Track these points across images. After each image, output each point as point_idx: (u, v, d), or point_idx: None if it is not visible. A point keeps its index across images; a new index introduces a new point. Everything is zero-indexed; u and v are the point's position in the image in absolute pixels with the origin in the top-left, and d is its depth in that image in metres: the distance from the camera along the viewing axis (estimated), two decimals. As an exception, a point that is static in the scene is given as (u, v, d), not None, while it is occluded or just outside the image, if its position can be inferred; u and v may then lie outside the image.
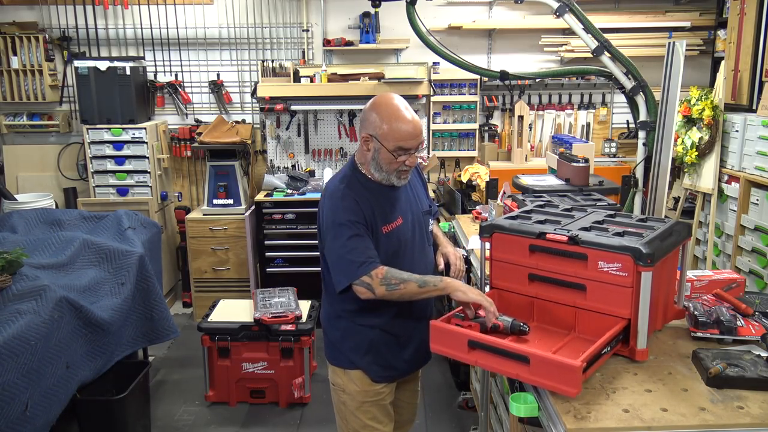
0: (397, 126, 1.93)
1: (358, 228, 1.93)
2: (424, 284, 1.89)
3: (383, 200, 2.03)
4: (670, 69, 3.05)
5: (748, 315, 1.89)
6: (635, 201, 3.33)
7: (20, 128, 5.07)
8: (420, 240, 2.13)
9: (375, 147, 1.97)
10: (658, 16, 4.83)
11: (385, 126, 1.93)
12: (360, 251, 1.91)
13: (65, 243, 3.10)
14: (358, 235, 1.93)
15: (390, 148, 1.94)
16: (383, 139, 1.94)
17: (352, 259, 1.91)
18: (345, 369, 2.12)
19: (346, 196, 1.96)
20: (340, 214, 1.94)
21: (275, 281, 4.47)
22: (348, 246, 1.92)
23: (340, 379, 2.13)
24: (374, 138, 1.96)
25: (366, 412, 2.12)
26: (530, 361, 1.51)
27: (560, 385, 1.46)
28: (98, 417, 2.92)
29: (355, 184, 2.02)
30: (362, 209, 1.96)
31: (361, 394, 2.10)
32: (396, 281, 1.89)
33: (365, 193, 2.00)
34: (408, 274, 1.91)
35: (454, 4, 4.95)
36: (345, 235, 1.93)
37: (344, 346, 2.11)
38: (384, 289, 1.89)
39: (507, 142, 5.07)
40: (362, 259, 1.90)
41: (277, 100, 4.83)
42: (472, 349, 1.65)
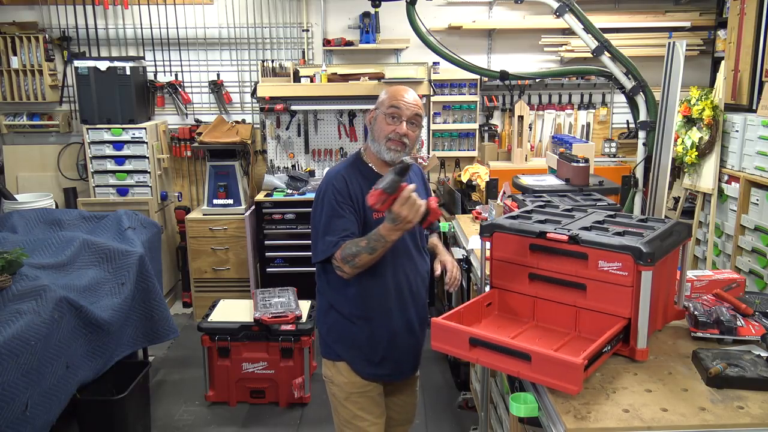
0: (395, 92, 2.08)
1: (342, 208, 2.02)
2: (372, 250, 1.94)
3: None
4: (670, 69, 3.05)
5: (748, 315, 1.89)
6: (635, 201, 3.34)
7: (20, 128, 5.07)
8: (411, 235, 2.15)
9: (374, 116, 2.11)
10: (658, 16, 4.83)
11: (384, 95, 2.10)
12: (337, 230, 2.00)
13: (65, 243, 3.10)
14: (339, 215, 2.02)
15: (385, 111, 2.07)
16: (380, 105, 2.09)
17: (329, 239, 2.01)
18: (333, 361, 2.18)
19: (338, 177, 2.06)
20: (329, 193, 2.04)
21: (275, 281, 4.47)
22: (329, 225, 2.02)
23: (329, 370, 2.20)
24: (376, 110, 2.11)
25: (354, 403, 2.16)
26: (531, 359, 1.51)
27: (561, 383, 1.46)
28: (98, 417, 2.92)
29: (352, 169, 2.11)
30: (350, 191, 2.04)
31: (349, 386, 2.15)
32: (350, 257, 1.96)
33: (360, 177, 2.09)
34: (356, 245, 1.95)
35: (454, 4, 4.95)
36: (329, 213, 2.03)
37: (330, 338, 2.18)
38: (349, 267, 1.98)
39: (507, 142, 5.07)
40: (336, 238, 1.99)
41: (277, 100, 4.83)
42: (473, 347, 1.65)
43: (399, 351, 2.18)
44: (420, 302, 2.24)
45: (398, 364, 2.21)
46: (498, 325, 1.92)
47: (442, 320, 1.74)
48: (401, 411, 2.38)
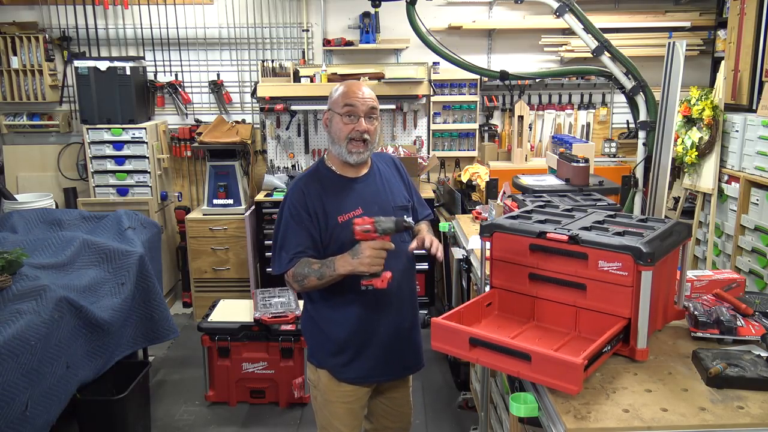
0: (346, 89, 2.02)
1: (297, 221, 2.01)
2: (321, 276, 1.96)
3: (340, 191, 2.07)
4: (670, 69, 3.05)
5: (748, 315, 1.89)
6: (635, 201, 3.34)
7: (20, 128, 5.07)
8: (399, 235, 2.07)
9: (329, 118, 2.06)
10: (658, 16, 4.83)
11: (334, 96, 2.04)
12: (291, 245, 2.01)
13: (65, 243, 3.10)
14: (294, 229, 2.01)
15: (340, 111, 2.01)
16: (334, 106, 2.03)
17: (283, 255, 2.02)
18: (316, 367, 2.18)
19: (297, 190, 2.04)
20: (287, 206, 2.04)
21: (275, 281, 4.45)
22: (284, 239, 2.03)
23: (313, 375, 2.21)
24: (329, 110, 2.06)
25: (332, 412, 2.16)
26: (531, 359, 1.51)
27: (561, 383, 1.46)
28: (98, 417, 2.92)
29: (312, 176, 2.08)
30: (308, 201, 2.01)
31: (329, 393, 2.15)
32: (300, 278, 1.98)
33: (318, 185, 2.05)
34: (309, 267, 1.97)
35: (454, 4, 4.95)
36: (285, 226, 2.03)
37: (312, 345, 2.19)
38: (297, 286, 2.01)
39: (507, 142, 5.07)
40: (291, 254, 2.00)
41: (277, 100, 4.83)
42: (473, 347, 1.65)
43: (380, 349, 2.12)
44: (408, 302, 2.21)
45: (378, 363, 2.14)
46: (498, 325, 1.92)
47: (442, 320, 1.74)
48: (394, 419, 2.33)
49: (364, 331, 2.10)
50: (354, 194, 2.07)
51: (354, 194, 2.07)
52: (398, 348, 2.18)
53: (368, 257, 1.88)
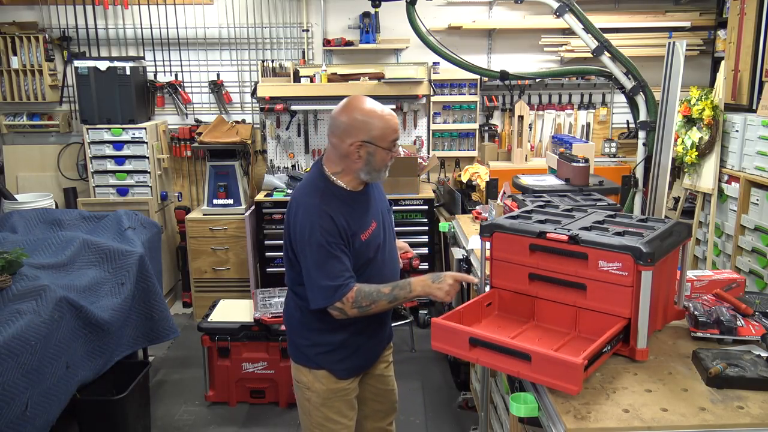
0: (385, 124, 1.95)
1: (334, 249, 1.92)
2: (393, 299, 1.96)
3: (357, 208, 2.02)
4: (670, 69, 3.05)
5: (748, 315, 1.89)
6: (635, 201, 3.34)
7: (20, 128, 5.07)
8: (390, 239, 2.17)
9: (369, 151, 1.95)
10: (658, 16, 4.83)
11: (374, 129, 1.94)
12: (335, 274, 1.92)
13: (65, 243, 3.10)
14: (334, 256, 1.92)
15: (385, 146, 1.96)
16: (378, 141, 1.95)
17: (328, 284, 1.92)
18: (310, 368, 2.13)
19: (323, 214, 1.92)
20: (317, 234, 1.91)
21: (275, 281, 4.47)
22: (325, 270, 1.92)
23: (305, 377, 2.14)
24: (368, 143, 1.94)
25: (331, 407, 2.14)
26: (531, 359, 1.51)
27: (561, 383, 1.47)
28: (98, 417, 2.92)
29: (329, 197, 1.98)
30: (337, 226, 1.93)
31: (327, 392, 2.13)
32: (367, 303, 1.94)
33: (340, 205, 1.97)
34: (377, 292, 1.95)
35: (454, 4, 4.95)
36: (322, 256, 1.92)
37: (311, 351, 2.12)
38: (356, 312, 1.95)
39: (507, 142, 5.07)
40: (337, 283, 1.92)
41: (277, 100, 4.83)
42: (473, 347, 1.65)
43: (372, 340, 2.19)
44: None
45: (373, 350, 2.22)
46: (498, 325, 1.92)
47: (442, 320, 1.75)
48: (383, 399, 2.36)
49: (364, 327, 2.12)
50: (364, 209, 2.06)
51: (364, 209, 2.06)
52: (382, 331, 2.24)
53: (449, 286, 1.94)
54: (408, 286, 1.96)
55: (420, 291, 1.96)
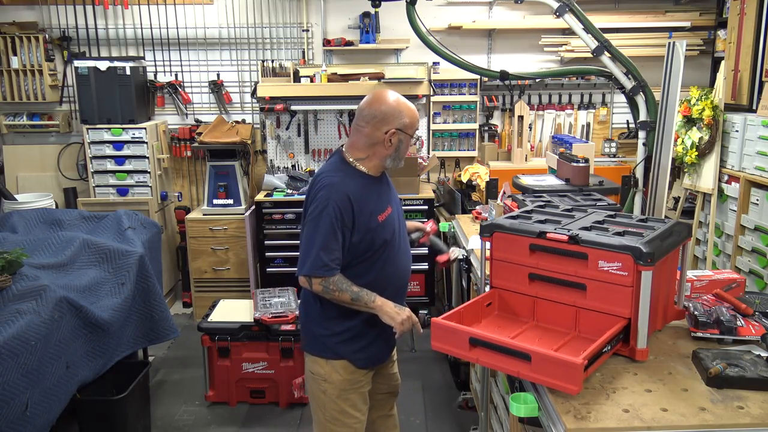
0: (412, 114, 2.13)
1: (339, 229, 2.02)
2: (357, 298, 2.05)
3: (375, 190, 2.14)
4: (670, 69, 3.05)
5: (748, 315, 1.89)
6: (635, 201, 3.34)
7: (20, 128, 5.07)
8: (402, 226, 2.28)
9: (401, 139, 2.10)
10: (658, 16, 4.83)
11: (405, 118, 2.10)
12: (332, 253, 2.02)
13: (65, 243, 3.10)
14: (336, 237, 2.02)
15: (411, 134, 2.14)
16: (407, 129, 2.11)
17: (322, 258, 2.01)
18: (327, 359, 2.18)
19: (341, 193, 2.03)
20: (330, 209, 2.01)
21: (275, 281, 4.47)
22: (325, 243, 2.01)
23: (322, 369, 2.18)
24: (400, 131, 2.09)
25: (346, 400, 2.19)
26: (531, 359, 1.52)
27: (561, 383, 1.47)
28: (98, 417, 2.92)
29: (350, 177, 2.09)
30: (353, 206, 2.03)
31: (344, 383, 2.17)
32: (333, 288, 2.03)
33: (359, 186, 2.09)
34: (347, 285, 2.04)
35: (454, 4, 4.95)
36: (328, 230, 2.01)
37: (330, 341, 2.17)
38: (320, 289, 2.05)
39: (507, 142, 5.07)
40: (329, 260, 2.01)
41: (277, 100, 4.82)
42: (473, 347, 1.65)
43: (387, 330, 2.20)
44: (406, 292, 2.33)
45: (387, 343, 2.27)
46: (498, 325, 1.92)
47: (442, 320, 1.75)
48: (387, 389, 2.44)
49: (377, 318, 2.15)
50: (380, 193, 2.17)
51: (380, 193, 2.17)
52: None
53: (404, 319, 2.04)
54: (373, 295, 2.05)
55: (380, 305, 2.04)
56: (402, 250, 2.23)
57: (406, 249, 2.27)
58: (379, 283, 2.11)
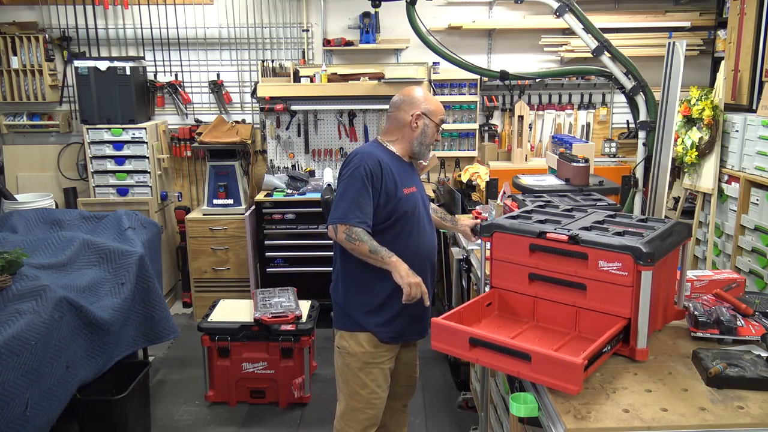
0: (437, 104, 2.36)
1: (369, 189, 2.19)
2: (375, 251, 2.15)
3: (403, 170, 2.35)
4: (670, 69, 3.05)
5: (748, 315, 1.90)
6: (635, 201, 3.34)
7: (20, 128, 5.07)
8: (426, 210, 2.44)
9: (425, 123, 2.33)
10: (658, 16, 4.83)
11: (431, 105, 2.34)
12: (361, 207, 2.17)
13: (65, 243, 3.10)
14: (368, 194, 2.19)
15: (436, 121, 2.35)
16: (432, 115, 2.33)
17: (351, 209, 2.16)
18: (352, 332, 2.31)
19: (374, 159, 2.23)
20: (361, 170, 2.19)
21: (275, 281, 4.47)
22: (356, 198, 2.17)
23: (347, 342, 2.32)
24: (425, 115, 2.32)
25: (368, 374, 2.31)
26: (531, 359, 1.52)
27: (561, 383, 1.47)
28: (98, 417, 2.92)
29: (383, 151, 2.33)
30: (383, 170, 2.22)
31: (366, 355, 2.29)
32: (354, 236, 2.15)
33: (391, 161, 2.30)
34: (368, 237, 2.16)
35: (454, 4, 4.95)
36: (358, 187, 2.18)
37: (350, 307, 2.30)
38: (343, 237, 2.18)
39: (507, 142, 5.07)
40: (357, 214, 2.16)
41: (277, 100, 4.82)
42: (473, 347, 1.65)
43: (412, 308, 2.27)
44: (432, 270, 2.43)
45: (411, 321, 2.35)
46: (498, 325, 1.92)
47: (442, 320, 1.75)
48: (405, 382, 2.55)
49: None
50: (410, 175, 2.38)
51: (410, 175, 2.38)
52: (424, 308, 2.33)
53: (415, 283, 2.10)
54: (391, 253, 2.15)
55: (394, 261, 2.12)
56: (425, 230, 2.36)
57: (430, 230, 2.40)
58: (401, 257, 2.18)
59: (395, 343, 2.36)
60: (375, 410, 2.35)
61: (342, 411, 2.39)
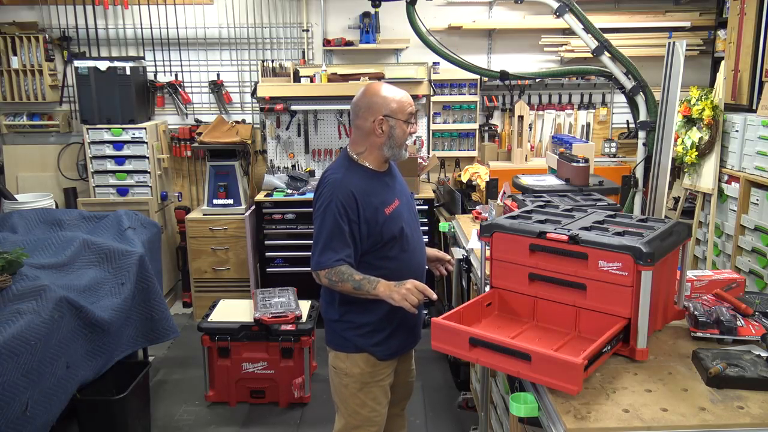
0: (401, 98, 2.17)
1: (344, 220, 2.07)
2: (359, 287, 2.05)
3: (380, 186, 2.18)
4: (670, 69, 3.05)
5: (748, 315, 1.89)
6: (635, 201, 3.33)
7: (20, 128, 5.07)
8: (414, 220, 2.30)
9: (390, 125, 2.14)
10: (658, 16, 4.83)
11: (392, 104, 2.14)
12: (339, 247, 2.07)
13: (65, 243, 3.10)
14: (342, 230, 2.07)
15: (404, 118, 2.15)
16: (396, 113, 2.14)
17: (325, 251, 2.08)
18: (348, 353, 2.20)
19: (344, 188, 2.08)
20: (333, 206, 2.07)
21: (275, 281, 4.47)
22: (330, 236, 2.07)
23: (343, 363, 2.22)
24: (388, 117, 2.13)
25: (368, 393, 2.22)
26: (531, 359, 1.52)
27: (561, 383, 1.47)
28: (98, 417, 2.92)
29: (353, 173, 2.15)
30: (358, 200, 2.08)
31: (365, 376, 2.20)
32: (336, 278, 2.07)
33: (362, 180, 2.13)
34: (349, 275, 2.06)
35: (454, 4, 4.95)
36: (332, 225, 2.07)
37: (350, 334, 2.20)
38: (326, 282, 2.11)
39: (507, 142, 5.07)
40: (332, 255, 2.07)
41: (277, 100, 4.83)
42: (474, 347, 1.65)
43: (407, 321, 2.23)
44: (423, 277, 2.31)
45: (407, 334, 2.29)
46: (498, 325, 1.92)
47: (442, 320, 1.75)
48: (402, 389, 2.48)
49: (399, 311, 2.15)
50: (388, 187, 2.21)
51: (388, 187, 2.21)
52: (418, 317, 2.31)
53: (406, 290, 1.99)
54: (375, 282, 2.04)
55: (382, 291, 2.02)
56: (414, 244, 2.24)
57: (419, 242, 2.29)
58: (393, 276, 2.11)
59: (393, 359, 2.28)
60: (376, 427, 2.27)
61: (340, 429, 2.30)
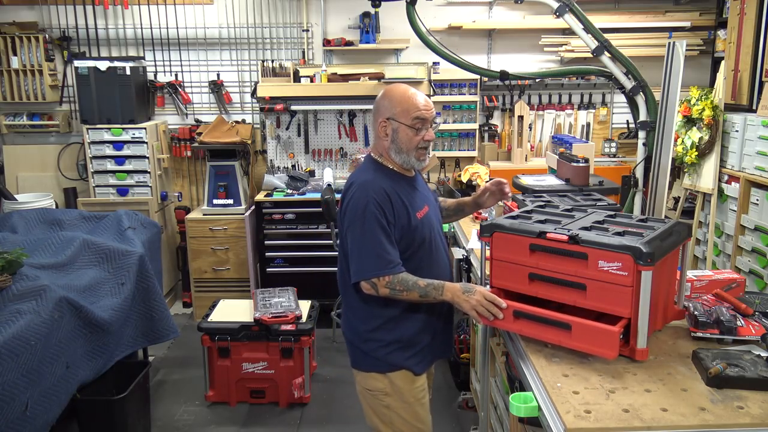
0: (410, 100, 2.00)
1: (386, 225, 1.94)
2: (425, 295, 1.94)
3: (409, 189, 2.08)
4: (670, 69, 3.05)
5: (748, 315, 1.89)
6: (635, 201, 3.33)
7: (20, 128, 5.07)
8: (440, 227, 2.21)
9: (393, 128, 2.01)
10: (658, 16, 4.83)
11: (398, 107, 2.00)
12: (387, 249, 1.93)
13: (65, 243, 3.10)
14: (387, 232, 1.94)
15: (409, 123, 2.00)
16: (400, 117, 1.99)
17: (382, 256, 1.92)
18: (384, 373, 2.07)
19: (378, 189, 1.95)
20: (372, 207, 1.93)
21: (275, 281, 4.47)
22: (378, 241, 1.92)
23: (381, 383, 2.07)
24: (391, 120, 2.00)
25: (413, 414, 2.09)
26: (572, 328, 1.65)
27: (600, 349, 1.62)
28: (98, 417, 2.92)
29: (382, 174, 2.03)
30: (392, 200, 1.96)
31: (406, 393, 2.07)
32: (400, 288, 1.93)
33: (392, 182, 2.01)
34: (414, 282, 1.93)
35: (454, 4, 4.95)
36: (376, 228, 1.92)
37: (382, 352, 2.06)
38: (387, 292, 1.94)
39: (507, 142, 5.07)
40: (390, 259, 1.92)
41: (277, 100, 4.82)
42: (517, 319, 1.79)
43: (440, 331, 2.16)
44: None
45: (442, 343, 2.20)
46: (498, 325, 1.92)
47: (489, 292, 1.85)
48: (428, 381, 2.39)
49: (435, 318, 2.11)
50: (416, 192, 2.10)
51: (416, 192, 2.10)
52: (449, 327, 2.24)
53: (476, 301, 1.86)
54: (441, 288, 1.93)
55: (449, 297, 1.92)
56: (440, 251, 2.14)
57: (444, 250, 2.19)
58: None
59: (427, 372, 2.18)
60: None
61: None
